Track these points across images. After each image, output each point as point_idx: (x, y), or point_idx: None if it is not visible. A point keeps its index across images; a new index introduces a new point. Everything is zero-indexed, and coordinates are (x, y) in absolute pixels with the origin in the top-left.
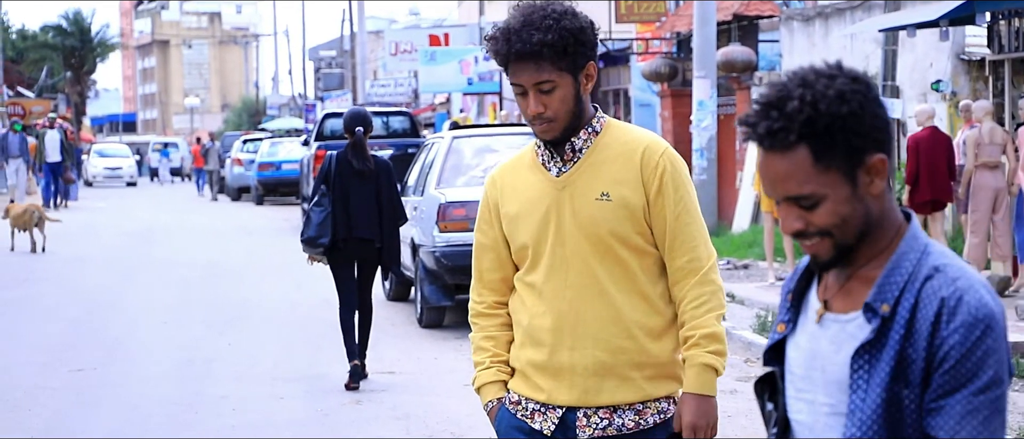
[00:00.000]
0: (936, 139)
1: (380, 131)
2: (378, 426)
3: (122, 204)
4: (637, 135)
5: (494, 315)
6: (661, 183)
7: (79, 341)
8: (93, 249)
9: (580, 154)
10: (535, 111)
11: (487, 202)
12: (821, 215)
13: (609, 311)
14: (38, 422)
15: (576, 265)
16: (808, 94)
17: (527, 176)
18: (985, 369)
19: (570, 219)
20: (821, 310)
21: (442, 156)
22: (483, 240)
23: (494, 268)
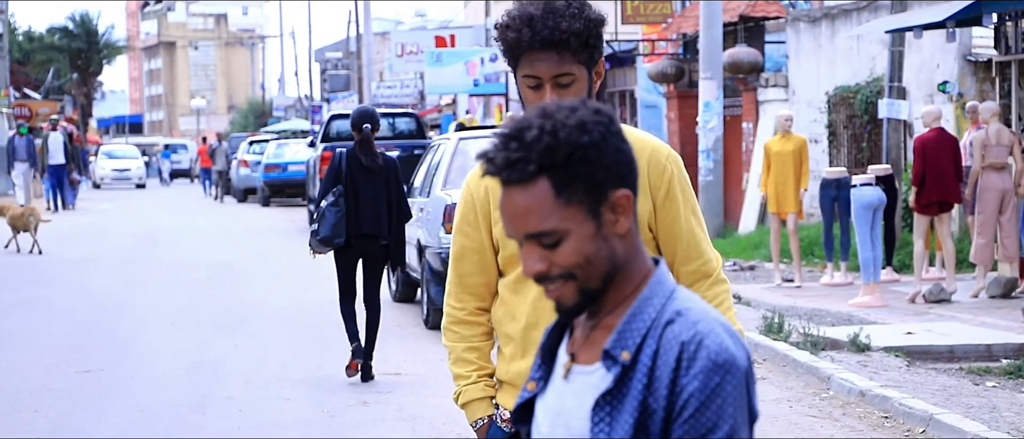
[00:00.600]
0: (943, 140)
1: (386, 132)
2: (384, 427)
3: (128, 206)
4: (640, 137)
5: (476, 323)
6: (669, 187)
7: (86, 342)
8: (100, 250)
9: None
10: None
11: (470, 202)
12: (564, 254)
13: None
14: (45, 423)
15: None
16: (548, 124)
17: None
18: (724, 419)
19: None
20: (568, 363)
21: (448, 157)
22: (466, 243)
23: (477, 272)
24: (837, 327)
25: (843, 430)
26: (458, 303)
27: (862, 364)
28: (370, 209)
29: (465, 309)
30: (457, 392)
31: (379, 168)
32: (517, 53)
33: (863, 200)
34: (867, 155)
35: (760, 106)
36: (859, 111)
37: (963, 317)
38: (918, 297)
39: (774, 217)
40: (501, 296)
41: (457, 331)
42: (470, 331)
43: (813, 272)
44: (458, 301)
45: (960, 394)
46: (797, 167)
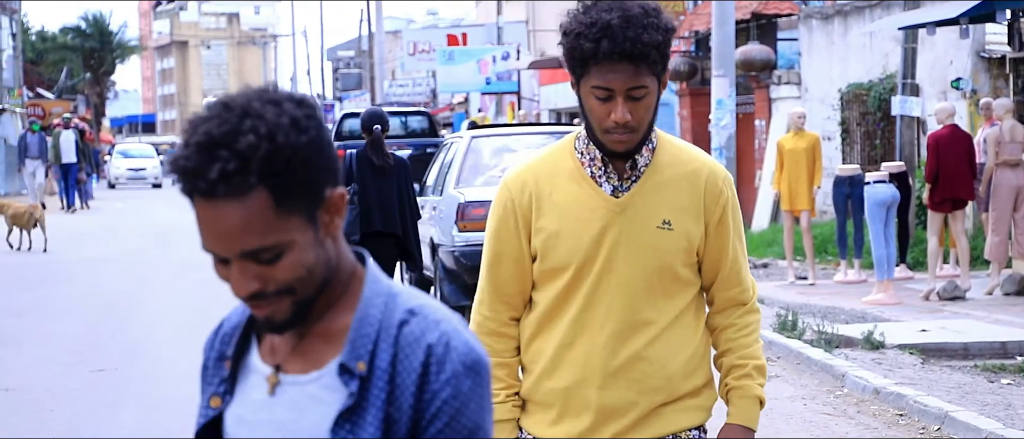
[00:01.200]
0: (956, 137)
1: (398, 131)
2: None
3: (141, 205)
4: (694, 154)
5: (508, 336)
6: (723, 213)
7: (100, 342)
8: (113, 250)
9: (640, 172)
10: (622, 119)
11: (511, 208)
12: (284, 269)
13: (650, 350)
14: (60, 422)
15: (622, 297)
16: (261, 126)
17: (570, 188)
18: (483, 421)
19: (625, 246)
20: (273, 377)
21: (461, 156)
22: (503, 249)
23: (514, 281)
24: (851, 325)
25: (858, 428)
26: (491, 312)
27: (876, 362)
28: (382, 207)
29: (498, 320)
30: None
31: (390, 167)
32: (587, 62)
33: (877, 197)
34: (880, 152)
35: (773, 104)
36: (872, 108)
37: (977, 314)
38: (932, 294)
39: (787, 215)
40: (537, 309)
41: (487, 343)
42: (501, 345)
43: (827, 270)
44: (491, 310)
45: (975, 392)
46: (810, 165)
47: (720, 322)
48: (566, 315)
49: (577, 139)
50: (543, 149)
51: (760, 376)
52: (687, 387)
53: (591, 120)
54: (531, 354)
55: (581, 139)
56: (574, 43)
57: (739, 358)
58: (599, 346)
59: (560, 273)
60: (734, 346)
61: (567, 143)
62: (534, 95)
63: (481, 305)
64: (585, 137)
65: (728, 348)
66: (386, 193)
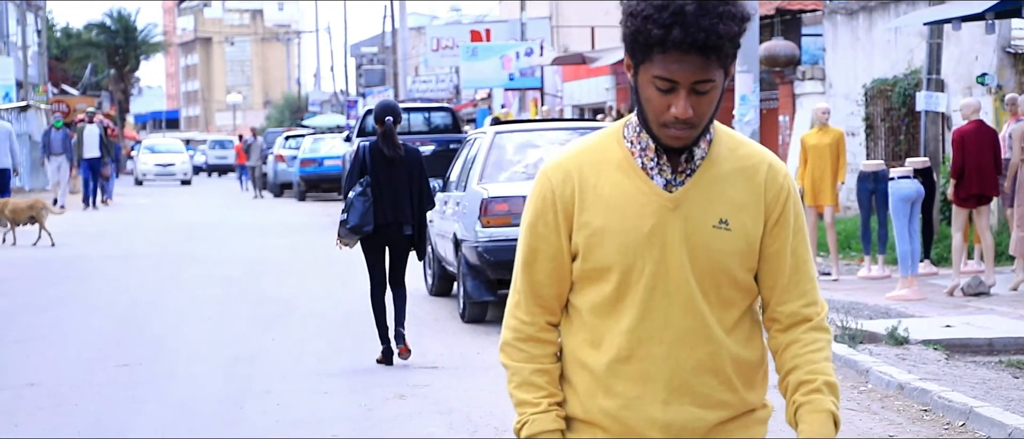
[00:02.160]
0: (982, 133)
1: (422, 127)
2: (422, 421)
3: (165, 201)
4: (753, 148)
5: (546, 341)
6: (784, 211)
7: (124, 337)
8: (136, 246)
9: (696, 165)
10: (684, 115)
11: (551, 200)
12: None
13: (714, 361)
14: (86, 417)
15: (680, 302)
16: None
17: (619, 180)
18: None
19: (680, 246)
20: None
21: (484, 151)
22: (540, 246)
23: (551, 281)
24: (875, 320)
25: (882, 423)
26: (528, 317)
27: (900, 357)
28: (393, 199)
29: (536, 324)
30: (521, 422)
31: (401, 159)
32: (652, 49)
33: (901, 193)
34: (905, 148)
35: (797, 99)
36: (897, 104)
37: (1002, 310)
38: (957, 290)
39: (811, 210)
40: (580, 317)
41: (525, 349)
42: (540, 350)
43: (850, 265)
44: (528, 314)
45: (1000, 387)
46: (834, 160)
47: (783, 340)
48: (619, 325)
49: (626, 126)
50: (587, 136)
51: (832, 393)
52: (751, 401)
53: (647, 111)
54: (576, 368)
55: (631, 126)
56: (640, 27)
57: (808, 373)
58: (661, 358)
59: (604, 274)
60: (800, 362)
61: (615, 130)
62: (557, 91)
63: (517, 308)
64: (636, 124)
65: (794, 365)
66: (398, 184)
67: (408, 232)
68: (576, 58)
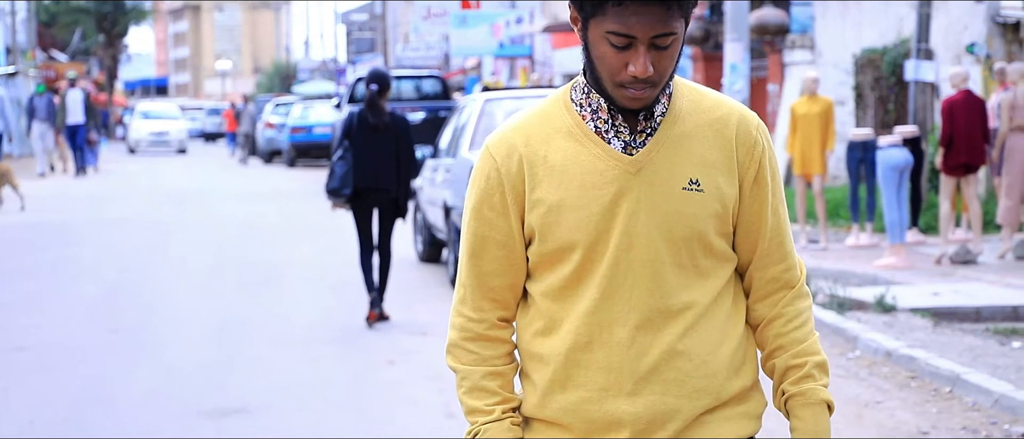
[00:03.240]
0: (970, 102)
1: (412, 94)
2: (411, 386)
3: (155, 168)
4: (719, 99)
5: (498, 339)
6: (760, 168)
7: (114, 302)
8: (127, 211)
9: (656, 123)
10: (644, 73)
11: (496, 179)
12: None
13: (687, 342)
14: (77, 380)
15: (645, 278)
16: None
17: (570, 148)
18: None
19: (646, 214)
20: None
21: (475, 118)
22: (488, 232)
23: (501, 271)
24: (863, 288)
25: (870, 390)
26: (476, 313)
27: (888, 325)
28: (374, 164)
29: (485, 321)
30: (472, 432)
31: (384, 126)
32: (604, 1)
33: (889, 161)
34: (894, 117)
35: (786, 68)
36: (886, 73)
37: (989, 278)
38: (944, 258)
39: (800, 179)
40: (534, 304)
41: (474, 350)
42: (492, 350)
43: (839, 234)
44: (476, 310)
45: (986, 354)
46: (823, 129)
47: (764, 312)
48: (577, 308)
49: (573, 89)
50: (530, 106)
51: (823, 375)
52: (734, 388)
53: (600, 70)
54: (532, 362)
55: (578, 88)
56: None
57: (795, 357)
58: (624, 343)
59: (566, 255)
60: (786, 342)
61: (560, 96)
62: (547, 59)
63: (463, 304)
64: (584, 85)
65: (778, 345)
66: (380, 151)
67: (393, 196)
68: (566, 26)
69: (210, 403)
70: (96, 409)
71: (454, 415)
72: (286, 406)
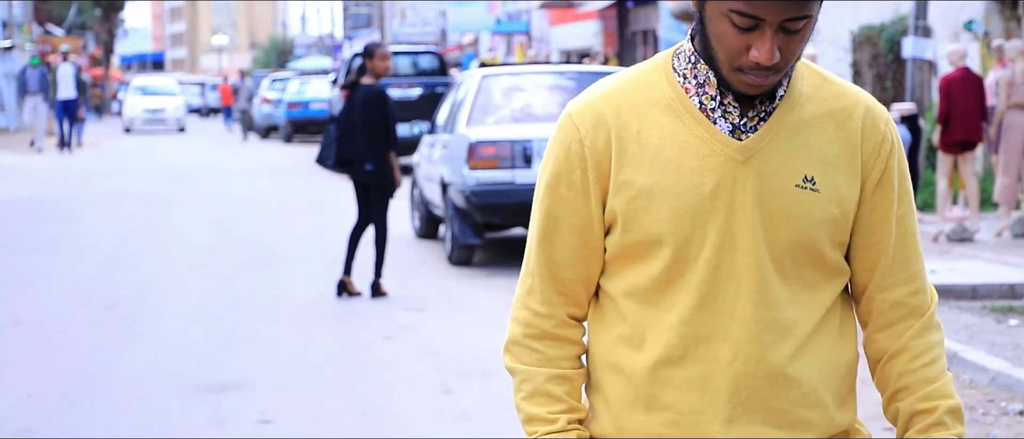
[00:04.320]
0: (968, 79)
1: (408, 70)
2: (408, 363)
3: (149, 143)
4: (844, 87)
5: (567, 339)
6: (887, 169)
7: (112, 279)
8: (122, 188)
9: (772, 106)
10: (770, 60)
11: (578, 152)
12: None
13: (798, 366)
14: (71, 357)
15: (751, 287)
16: None
17: (668, 125)
18: None
19: (752, 210)
20: None
21: (472, 94)
22: (563, 214)
23: (577, 261)
24: None
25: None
26: (544, 307)
27: None
28: (350, 137)
29: (554, 317)
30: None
31: (360, 99)
32: None
33: None
34: (891, 94)
35: None
36: (883, 50)
37: (986, 256)
38: (941, 236)
39: None
40: (614, 306)
41: (539, 349)
42: (560, 351)
43: None
44: (544, 304)
45: (983, 332)
46: None
47: (886, 345)
48: (669, 315)
49: (675, 57)
50: (622, 72)
51: (957, 423)
52: (844, 421)
53: (717, 49)
54: (607, 374)
55: (682, 56)
56: None
57: (924, 400)
58: (724, 360)
59: (652, 250)
60: (913, 382)
61: (660, 63)
62: (544, 35)
63: (530, 296)
64: (690, 53)
65: (903, 385)
66: (352, 124)
67: (368, 168)
68: (563, 2)
69: (207, 379)
70: (93, 384)
71: (451, 391)
72: (283, 382)
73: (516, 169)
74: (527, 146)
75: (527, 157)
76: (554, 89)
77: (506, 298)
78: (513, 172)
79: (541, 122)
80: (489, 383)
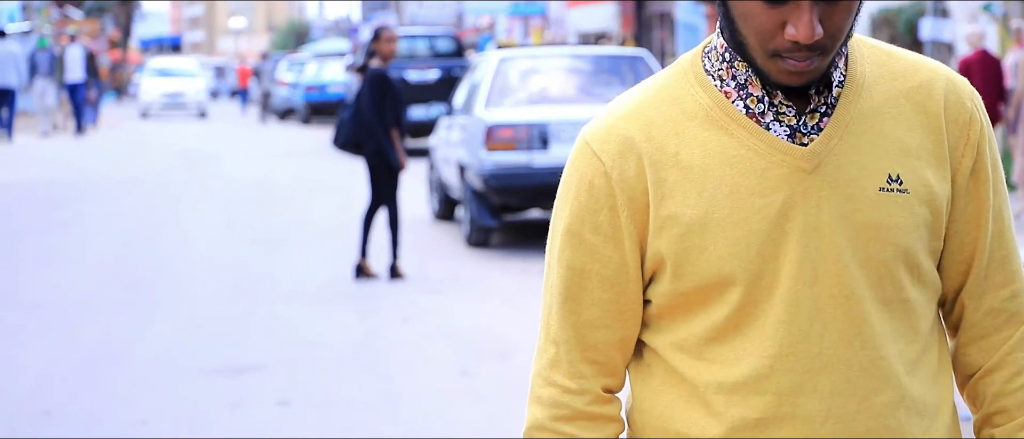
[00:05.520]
0: (986, 61)
1: (425, 52)
2: (425, 344)
3: (165, 126)
4: (916, 61)
5: (605, 418)
6: (979, 155)
7: (130, 259)
8: (140, 169)
9: (833, 98)
10: (809, 37)
11: (605, 187)
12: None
13: (902, 415)
14: (92, 337)
15: (840, 322)
16: None
17: (712, 140)
18: None
19: (831, 229)
20: None
21: (490, 76)
22: (590, 265)
23: (609, 321)
24: None
25: None
26: (574, 381)
27: None
28: (357, 119)
29: (587, 393)
30: None
31: (367, 84)
32: None
33: None
34: None
35: None
36: (902, 32)
37: None
38: None
39: None
40: (663, 364)
41: (572, 434)
42: (596, 433)
43: None
44: (574, 377)
45: None
46: None
47: (978, 359)
48: (740, 368)
49: (704, 56)
50: (645, 82)
51: None
52: None
53: (746, 34)
54: None
55: (713, 55)
56: None
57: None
58: (816, 418)
59: (716, 294)
60: (1011, 405)
61: (685, 67)
62: (561, 17)
63: (554, 370)
64: (722, 50)
65: (1000, 408)
66: (361, 106)
67: (374, 149)
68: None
69: (225, 360)
70: (112, 365)
71: (468, 373)
72: (301, 364)
73: (533, 151)
74: (544, 129)
75: (544, 140)
76: (571, 71)
77: (524, 280)
78: (530, 154)
79: (558, 104)
80: (507, 365)
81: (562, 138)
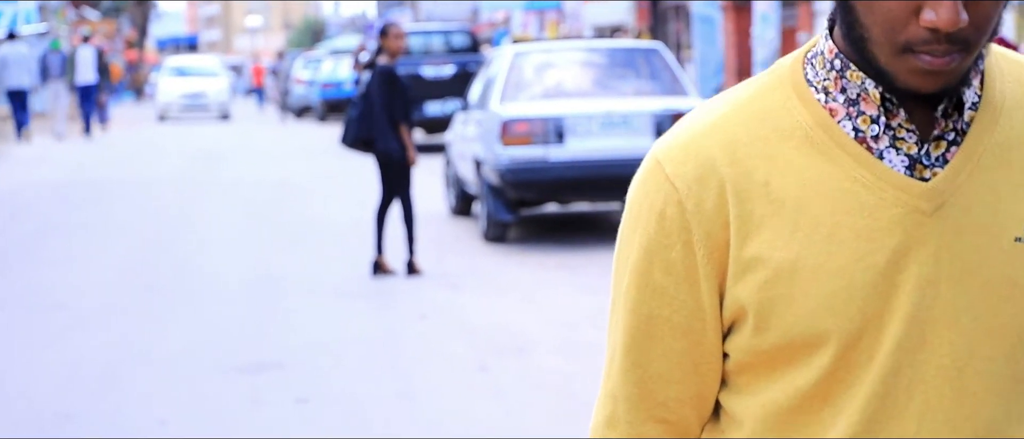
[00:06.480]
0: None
1: (441, 48)
2: (443, 340)
3: (181, 125)
4: None
5: None
6: None
7: (149, 259)
8: (158, 169)
9: (965, 122)
10: (951, 24)
11: (678, 219)
12: None
13: None
14: (113, 337)
15: (947, 399)
16: None
17: (811, 168)
18: None
19: (952, 287)
20: None
21: (505, 71)
22: (659, 310)
23: (682, 375)
24: None
25: None
26: (635, 433)
27: None
28: (366, 117)
29: None
30: None
31: (375, 80)
32: None
33: None
34: None
35: (816, 17)
36: None
37: None
38: None
39: None
40: (741, 430)
41: None
42: None
43: None
44: (633, 430)
45: None
46: None
47: None
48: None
49: (807, 63)
50: (733, 91)
51: None
52: None
53: (870, 25)
54: None
55: (819, 61)
56: None
57: None
58: None
59: (803, 354)
60: None
61: (785, 75)
62: (576, 12)
63: (612, 428)
64: (831, 54)
65: None
66: (370, 103)
67: (383, 146)
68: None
69: (245, 358)
70: (132, 365)
71: (487, 368)
72: (319, 361)
73: (549, 146)
74: (560, 122)
75: (560, 134)
76: (586, 65)
77: (541, 274)
78: (546, 148)
79: (573, 98)
80: (525, 360)
81: (578, 132)
